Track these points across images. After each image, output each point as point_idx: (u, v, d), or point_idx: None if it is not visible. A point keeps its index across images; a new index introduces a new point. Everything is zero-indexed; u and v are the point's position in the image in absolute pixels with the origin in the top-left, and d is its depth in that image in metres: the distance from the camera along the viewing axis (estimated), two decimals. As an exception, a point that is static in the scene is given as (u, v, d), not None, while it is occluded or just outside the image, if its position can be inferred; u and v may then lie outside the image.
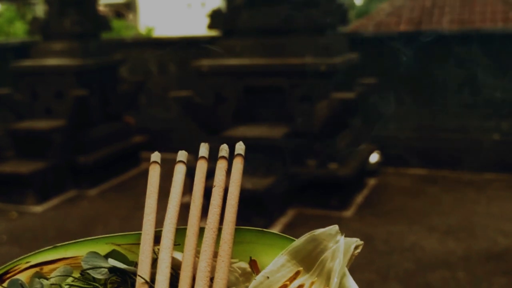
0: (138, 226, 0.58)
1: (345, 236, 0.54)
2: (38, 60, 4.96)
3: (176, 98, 4.53)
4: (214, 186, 0.58)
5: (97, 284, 0.55)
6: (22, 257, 0.57)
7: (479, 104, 4.68)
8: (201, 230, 0.55)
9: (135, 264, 0.56)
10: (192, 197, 0.58)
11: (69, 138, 4.71)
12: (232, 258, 0.55)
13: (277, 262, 0.54)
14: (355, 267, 0.54)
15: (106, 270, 0.55)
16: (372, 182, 4.55)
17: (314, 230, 0.55)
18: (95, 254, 0.57)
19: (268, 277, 0.53)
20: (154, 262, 0.54)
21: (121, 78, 5.43)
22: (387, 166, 4.80)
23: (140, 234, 0.56)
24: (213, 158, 0.61)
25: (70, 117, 4.71)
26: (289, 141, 3.95)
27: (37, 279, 0.56)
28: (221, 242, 0.54)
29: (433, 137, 4.81)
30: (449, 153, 4.79)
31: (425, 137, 4.84)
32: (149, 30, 11.76)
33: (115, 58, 5.31)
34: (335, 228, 0.55)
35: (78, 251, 0.58)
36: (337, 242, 0.54)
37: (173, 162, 0.61)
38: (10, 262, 0.57)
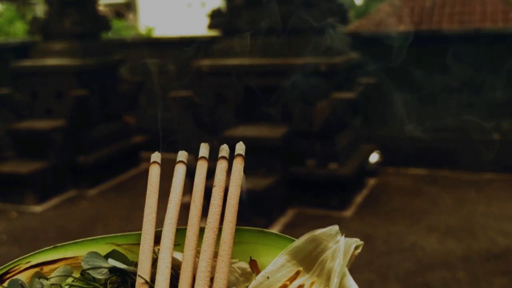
0: (138, 226, 0.58)
1: (345, 236, 0.54)
2: (38, 60, 4.96)
3: (176, 98, 4.52)
4: (214, 186, 0.58)
5: (97, 284, 0.55)
6: (22, 257, 0.57)
7: (479, 104, 4.67)
8: (201, 230, 0.55)
9: (135, 264, 0.56)
10: (192, 197, 0.58)
11: (69, 138, 4.70)
12: (232, 258, 0.55)
13: (277, 262, 0.54)
14: (355, 267, 0.54)
15: (106, 270, 0.55)
16: (372, 182, 4.55)
17: (314, 230, 0.55)
18: (95, 254, 0.57)
19: (268, 277, 0.53)
20: (154, 262, 0.54)
21: (121, 78, 5.43)
22: (387, 166, 4.80)
23: (140, 234, 0.56)
24: (213, 158, 0.61)
25: (70, 117, 4.71)
26: (289, 141, 3.95)
27: (37, 279, 0.56)
28: (221, 242, 0.54)
29: (433, 137, 4.81)
30: (449, 153, 4.79)
31: (425, 137, 4.84)
32: (149, 30, 11.75)
33: (115, 58, 5.31)
34: (335, 228, 0.55)
35: (78, 251, 0.58)
36: (337, 242, 0.54)
37: (173, 162, 0.61)
38: (10, 262, 0.57)
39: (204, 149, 0.62)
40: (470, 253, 3.20)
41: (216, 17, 4.33)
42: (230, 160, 0.60)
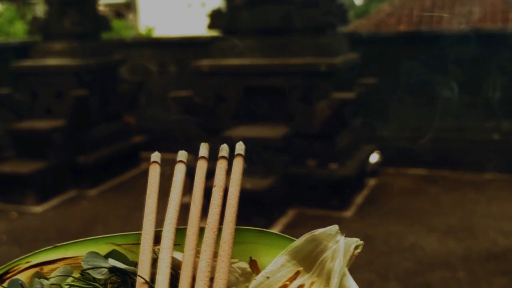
0: (138, 226, 0.58)
1: (345, 236, 0.54)
2: (38, 60, 4.96)
3: (176, 98, 4.53)
4: (214, 186, 0.58)
5: (97, 284, 0.55)
6: (22, 257, 0.57)
7: (479, 104, 4.67)
8: (201, 230, 0.55)
9: (135, 264, 0.56)
10: (192, 197, 0.58)
11: (69, 138, 4.70)
12: (232, 258, 0.54)
13: (277, 262, 0.54)
14: (355, 267, 0.54)
15: (106, 270, 0.55)
16: (372, 182, 4.55)
17: (314, 230, 0.55)
18: (95, 254, 0.57)
19: (268, 277, 0.53)
20: (154, 262, 0.54)
21: (121, 78, 5.43)
22: (387, 166, 4.80)
23: (140, 234, 0.56)
24: (213, 158, 0.61)
25: (70, 117, 4.71)
26: (289, 141, 3.95)
27: (37, 279, 0.56)
28: (221, 242, 0.54)
29: (433, 137, 4.81)
30: (449, 153, 4.78)
31: (425, 137, 4.84)
32: (149, 30, 11.75)
33: (115, 58, 5.31)
34: (335, 228, 0.55)
35: (78, 251, 0.58)
36: (337, 242, 0.54)
37: (173, 162, 0.61)
38: (10, 262, 0.57)
39: (204, 149, 0.62)
40: (470, 253, 3.20)
41: (216, 17, 4.33)
42: (230, 160, 0.60)
